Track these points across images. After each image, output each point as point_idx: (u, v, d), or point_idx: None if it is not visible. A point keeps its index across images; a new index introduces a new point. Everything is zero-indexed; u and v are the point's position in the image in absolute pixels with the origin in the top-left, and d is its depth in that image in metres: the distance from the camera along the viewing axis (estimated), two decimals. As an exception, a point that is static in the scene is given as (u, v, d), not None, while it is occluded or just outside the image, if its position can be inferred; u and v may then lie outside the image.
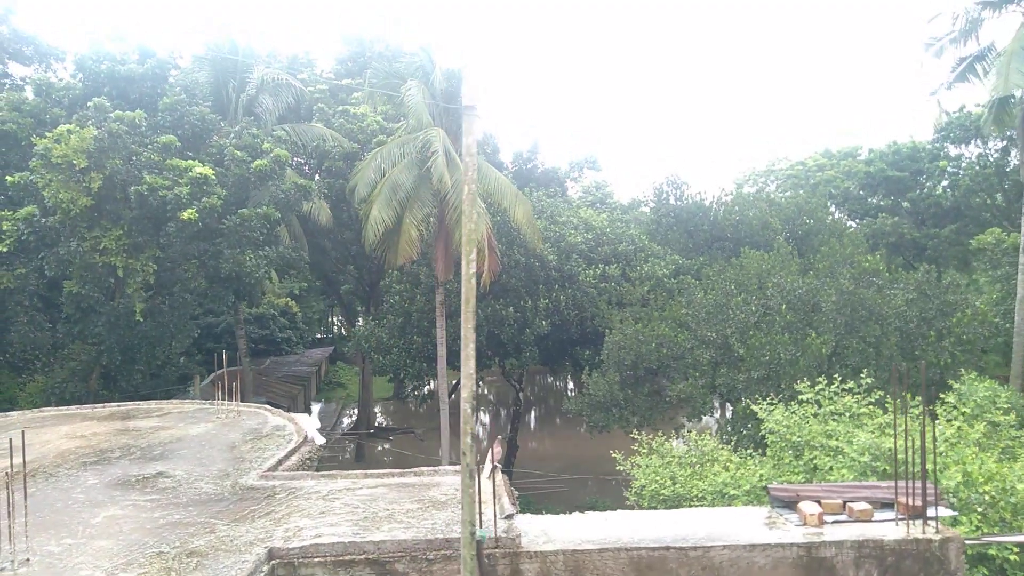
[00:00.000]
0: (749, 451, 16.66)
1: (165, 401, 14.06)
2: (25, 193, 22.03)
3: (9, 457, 9.64)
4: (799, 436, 13.83)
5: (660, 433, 18.62)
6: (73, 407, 14.08)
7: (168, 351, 26.29)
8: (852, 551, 6.47)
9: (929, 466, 10.93)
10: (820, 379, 14.65)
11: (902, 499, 7.07)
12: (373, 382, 49.16)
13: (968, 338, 23.66)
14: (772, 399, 23.73)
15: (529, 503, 27.73)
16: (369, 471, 8.72)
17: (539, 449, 44.31)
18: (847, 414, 13.54)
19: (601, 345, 35.51)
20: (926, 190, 57.73)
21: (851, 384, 14.26)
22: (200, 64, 33.17)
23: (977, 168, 52.60)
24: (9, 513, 6.29)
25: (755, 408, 15.26)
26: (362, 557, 6.20)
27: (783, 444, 14.23)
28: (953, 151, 55.52)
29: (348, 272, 42.20)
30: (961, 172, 54.03)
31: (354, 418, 49.83)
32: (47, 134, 21.02)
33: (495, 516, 6.85)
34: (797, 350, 24.08)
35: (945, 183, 56.12)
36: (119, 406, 13.56)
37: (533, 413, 60.22)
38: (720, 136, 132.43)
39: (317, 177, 35.57)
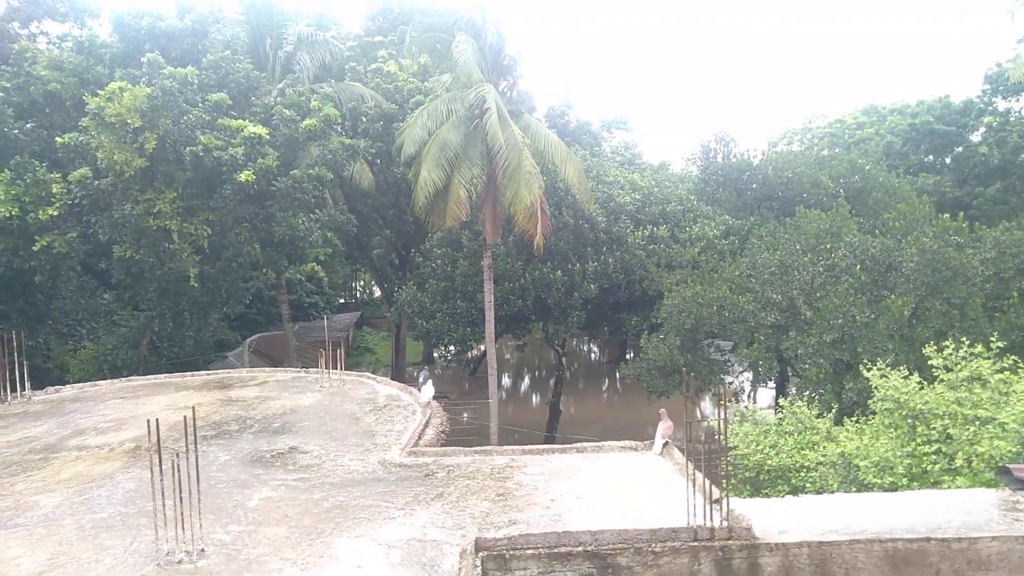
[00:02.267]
0: (854, 420, 15.92)
1: (256, 370, 13.40)
2: (76, 155, 21.19)
3: (126, 431, 8.98)
4: (924, 405, 13.01)
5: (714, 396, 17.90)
6: (162, 376, 13.44)
7: (220, 317, 25.64)
8: None
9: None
10: (947, 343, 13.74)
11: None
12: (408, 347, 48.75)
13: (1052, 298, 22.64)
14: (851, 363, 23.02)
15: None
16: (525, 447, 8.00)
17: (578, 414, 43.79)
18: (979, 380, 12.71)
19: (648, 310, 34.71)
20: (971, 147, 56.10)
21: (980, 348, 13.39)
22: (235, 20, 32.00)
23: (1027, 123, 50.94)
24: (178, 497, 5.58)
25: (867, 374, 14.39)
26: (579, 549, 5.47)
27: (903, 412, 13.41)
28: (1002, 105, 53.78)
29: (384, 236, 41.35)
30: (1009, 128, 52.35)
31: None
32: (99, 92, 20.09)
33: (707, 500, 6.09)
34: (872, 312, 23.18)
35: (991, 140, 54.47)
36: (209, 374, 12.92)
37: (570, 378, 59.88)
38: (752, 97, 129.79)
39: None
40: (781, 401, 16.91)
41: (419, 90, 36.41)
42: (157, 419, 5.75)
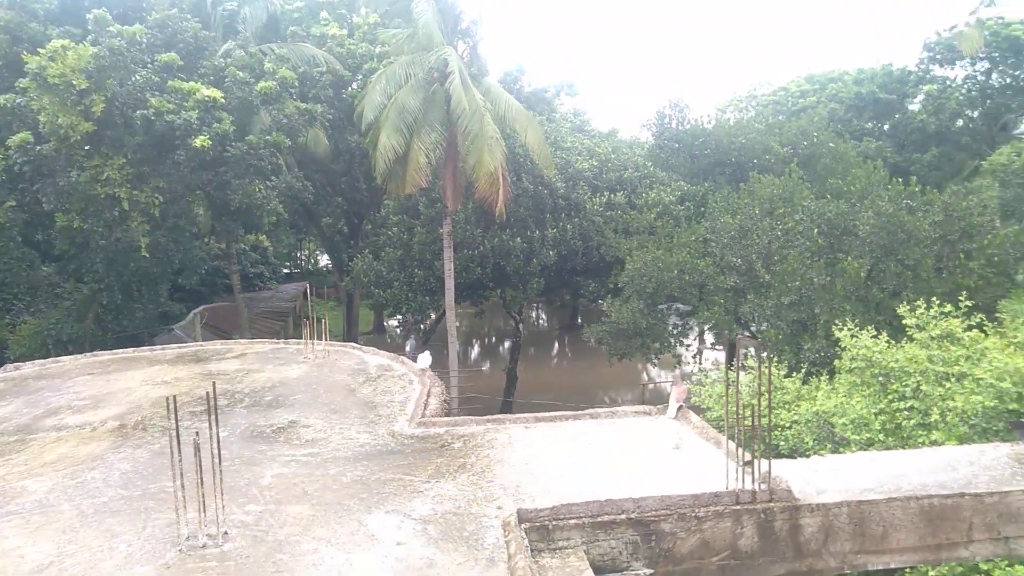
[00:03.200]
0: (819, 379, 16.32)
1: (231, 341, 12.87)
2: (13, 117, 19.79)
3: (105, 409, 8.49)
4: (896, 363, 13.38)
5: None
6: (129, 350, 12.78)
7: (171, 288, 24.62)
8: None
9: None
10: (919, 303, 14.12)
11: None
12: (360, 317, 48.07)
13: (999, 260, 23.55)
14: (808, 324, 23.60)
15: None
16: (538, 415, 7.86)
17: (535, 379, 44.04)
18: (950, 338, 13.11)
19: (606, 275, 34.93)
20: (909, 115, 57.80)
21: (948, 307, 13.81)
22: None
23: (964, 91, 52.67)
24: (198, 477, 5.26)
25: (838, 334, 14.72)
26: (623, 517, 5.38)
27: (874, 371, 13.78)
28: (939, 72, 55.37)
29: (335, 204, 40.35)
30: (946, 96, 54.05)
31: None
32: (39, 51, 18.73)
33: (740, 463, 6.06)
34: (829, 274, 23.74)
35: (929, 107, 56.19)
36: (181, 347, 12.33)
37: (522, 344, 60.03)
38: (697, 64, 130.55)
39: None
40: (750, 362, 17.17)
41: (371, 55, 35.34)
42: (174, 396, 5.38)
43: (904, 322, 13.96)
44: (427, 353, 10.01)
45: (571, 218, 33.29)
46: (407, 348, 22.46)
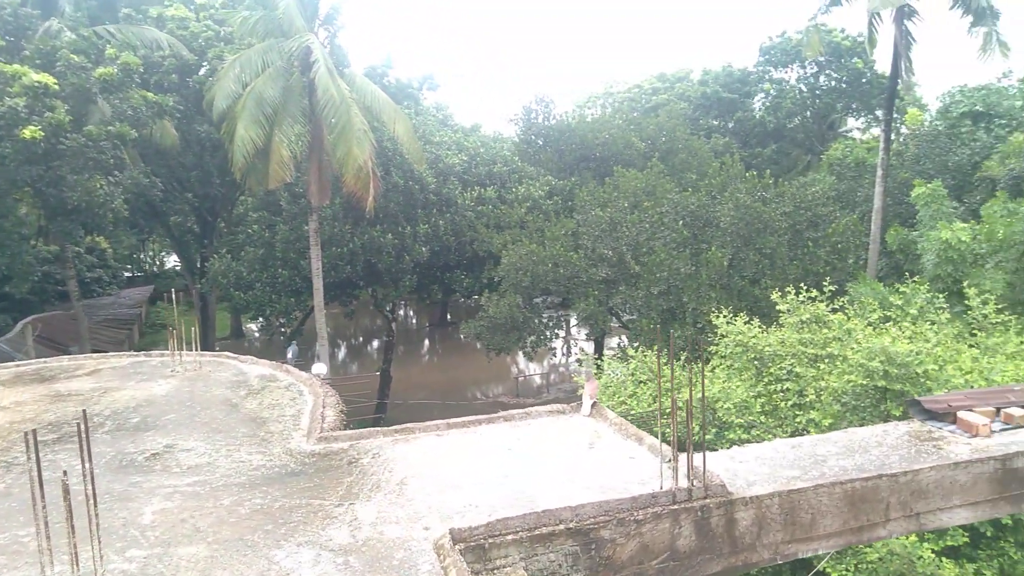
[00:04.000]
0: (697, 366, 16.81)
1: (79, 356, 11.35)
2: None
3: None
4: (769, 347, 14.00)
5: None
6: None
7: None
8: (1040, 458, 6.31)
9: (933, 367, 11.45)
10: (788, 288, 14.84)
11: (1048, 400, 7.05)
12: (216, 321, 45.25)
13: (842, 247, 25.50)
14: (676, 312, 24.48)
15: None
16: (449, 421, 7.38)
17: (408, 378, 43.27)
18: (819, 322, 13.86)
19: (480, 270, 34.79)
20: (750, 113, 61.86)
21: (815, 293, 14.61)
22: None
23: (799, 91, 56.95)
24: (70, 523, 4.42)
25: (715, 321, 15.24)
26: (561, 527, 5.06)
27: (750, 355, 14.36)
28: (776, 74, 59.61)
29: (186, 201, 37.57)
30: (783, 96, 58.28)
31: (198, 361, 45.53)
32: None
33: (664, 461, 5.92)
34: (694, 264, 24.78)
35: (768, 105, 60.41)
36: (19, 365, 10.70)
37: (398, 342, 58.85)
38: (554, 61, 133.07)
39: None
40: (630, 352, 17.49)
41: (218, 37, 33.06)
42: (34, 430, 4.47)
43: (777, 308, 14.62)
44: (319, 363, 9.28)
45: (443, 213, 32.81)
46: (288, 355, 21.16)
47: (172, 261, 70.45)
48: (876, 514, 5.85)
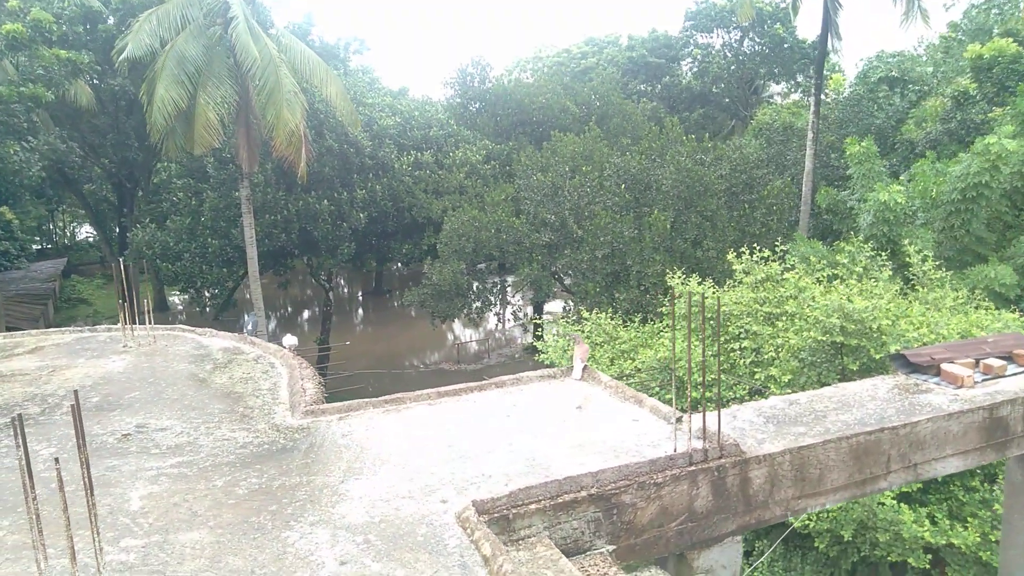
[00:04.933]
0: (652, 325, 17.03)
1: (16, 333, 10.49)
2: None
3: None
4: (725, 306, 14.23)
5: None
6: None
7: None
8: (1021, 407, 6.55)
9: (886, 323, 11.83)
10: (743, 249, 15.06)
11: (1020, 351, 7.32)
12: (141, 294, 43.14)
13: (777, 208, 26.17)
14: (620, 275, 24.70)
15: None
16: (440, 390, 7.13)
17: (347, 348, 42.61)
18: (773, 281, 14.14)
19: (419, 237, 34.24)
20: (677, 77, 62.55)
21: (767, 253, 14.88)
22: None
23: (724, 55, 57.81)
24: (66, 514, 4.03)
25: (670, 282, 15.38)
26: (583, 494, 4.95)
27: (708, 316, 14.55)
28: (701, 39, 60.33)
29: (102, 168, 35.44)
30: (709, 60, 59.09)
31: (119, 337, 43.42)
32: None
33: (670, 421, 5.87)
34: (636, 227, 24.98)
35: (695, 70, 61.19)
36: (-53, 347, 9.77)
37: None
38: (483, 26, 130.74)
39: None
40: (584, 314, 17.52)
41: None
42: (19, 415, 4.01)
43: (730, 268, 14.84)
44: (289, 336, 8.85)
45: (379, 178, 32.04)
46: (248, 327, 20.27)
47: (85, 232, 66.69)
48: (878, 467, 5.97)
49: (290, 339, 8.79)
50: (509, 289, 31.40)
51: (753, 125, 37.34)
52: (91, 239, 63.03)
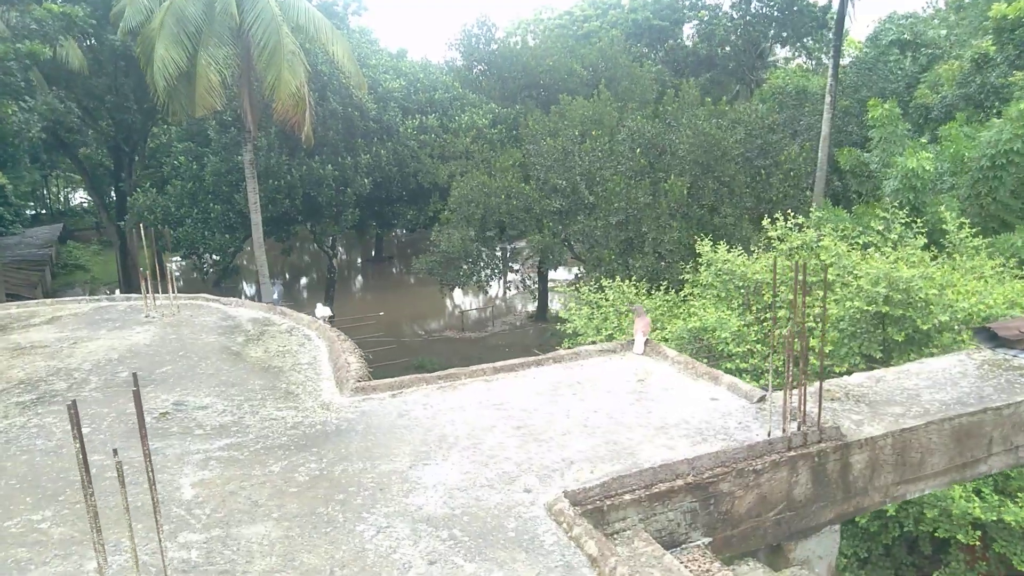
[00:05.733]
0: (674, 294, 16.60)
1: (31, 302, 9.97)
2: None
3: None
4: (759, 274, 13.79)
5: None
6: None
7: None
8: (1122, 383, 6.15)
9: (933, 292, 11.40)
10: (777, 215, 14.57)
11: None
12: (140, 260, 42.45)
13: (795, 174, 25.59)
14: (634, 242, 24.20)
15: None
16: (495, 365, 6.69)
17: (350, 315, 42.13)
18: (808, 248, 13.68)
19: (425, 203, 33.58)
20: (681, 41, 61.33)
21: (801, 219, 14.40)
22: None
23: (731, 17, 56.60)
24: (125, 503, 3.59)
25: (700, 249, 14.90)
26: (680, 483, 4.53)
27: (738, 284, 14.14)
28: (709, 1, 59.03)
29: (100, 131, 34.51)
30: (715, 23, 57.87)
31: (118, 304, 42.83)
32: None
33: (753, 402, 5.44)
34: (652, 193, 24.40)
35: (701, 32, 59.94)
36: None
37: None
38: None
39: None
40: (605, 281, 17.07)
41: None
42: (74, 401, 3.53)
43: (768, 235, 14.36)
44: (320, 306, 8.37)
45: (384, 143, 31.29)
46: (274, 296, 19.77)
47: (79, 198, 65.69)
48: (979, 449, 5.58)
49: (322, 310, 8.35)
50: (505, 256, 30.84)
51: (765, 89, 36.55)
52: (86, 204, 62.04)
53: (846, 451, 5.04)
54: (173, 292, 8.88)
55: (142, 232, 8.78)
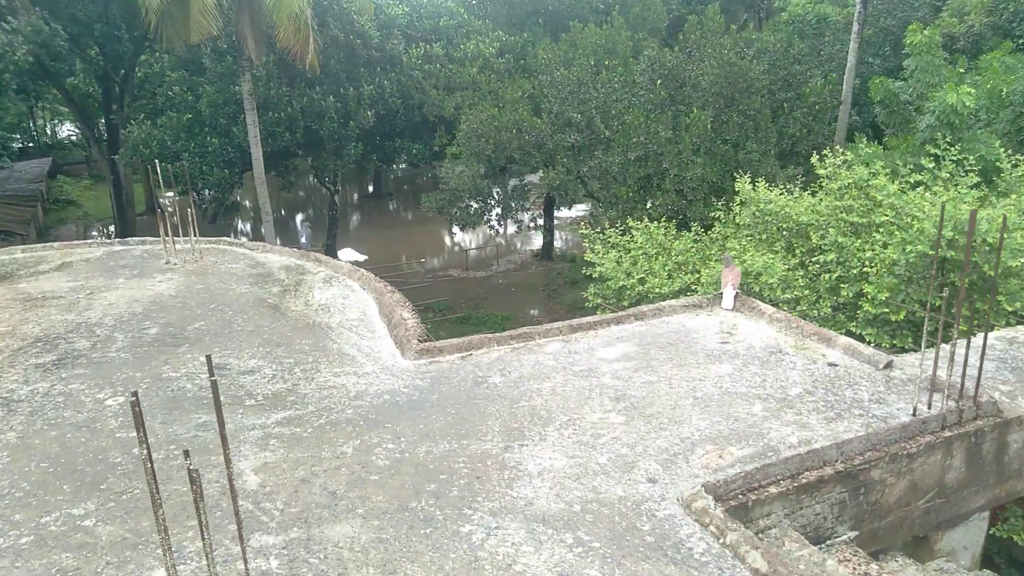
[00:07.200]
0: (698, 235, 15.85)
1: (36, 246, 9.14)
2: None
3: None
4: (803, 215, 13.02)
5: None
6: None
7: None
8: None
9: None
10: (826, 152, 13.69)
11: None
12: (134, 196, 41.24)
13: (819, 108, 24.49)
14: (653, 178, 23.27)
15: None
16: (571, 323, 5.97)
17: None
18: (857, 188, 12.85)
19: (431, 137, 32.33)
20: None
21: (850, 156, 13.53)
22: None
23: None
24: (196, 502, 2.91)
25: (739, 187, 14.05)
26: (829, 471, 3.89)
27: (783, 225, 13.39)
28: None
29: (87, 59, 32.82)
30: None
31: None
32: None
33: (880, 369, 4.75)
34: (673, 128, 23.32)
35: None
36: (-42, 263, 8.44)
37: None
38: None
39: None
40: (631, 223, 16.26)
41: None
42: (135, 392, 2.80)
43: (817, 171, 13.51)
44: (348, 250, 7.57)
45: (388, 73, 29.84)
46: (302, 239, 18.86)
47: (67, 130, 63.67)
48: None
49: (349, 253, 7.48)
50: (527, 194, 29.85)
51: (784, 17, 34.92)
52: (75, 137, 60.16)
53: (1005, 429, 4.39)
54: (195, 235, 8.05)
55: (150, 170, 7.87)
